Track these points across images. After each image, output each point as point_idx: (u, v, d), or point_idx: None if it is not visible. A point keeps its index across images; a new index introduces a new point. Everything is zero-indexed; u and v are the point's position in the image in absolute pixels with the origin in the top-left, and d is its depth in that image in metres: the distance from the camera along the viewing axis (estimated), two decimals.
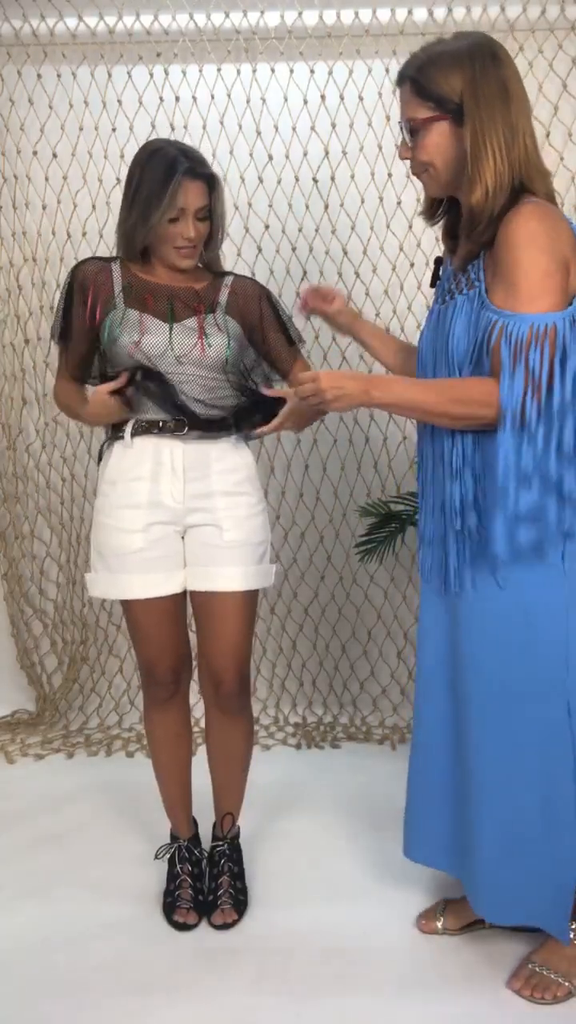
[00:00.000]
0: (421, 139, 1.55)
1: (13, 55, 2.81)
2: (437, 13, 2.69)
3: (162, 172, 1.72)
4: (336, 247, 2.86)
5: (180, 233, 1.76)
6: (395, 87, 1.61)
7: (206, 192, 1.77)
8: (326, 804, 2.42)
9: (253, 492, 1.88)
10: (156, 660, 1.89)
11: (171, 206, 1.72)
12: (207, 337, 1.81)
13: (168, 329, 1.79)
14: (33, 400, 3.00)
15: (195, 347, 1.79)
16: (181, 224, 1.75)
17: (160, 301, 1.81)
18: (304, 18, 2.72)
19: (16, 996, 1.70)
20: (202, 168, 1.76)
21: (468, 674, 1.62)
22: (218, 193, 1.81)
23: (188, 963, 1.78)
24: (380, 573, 3.02)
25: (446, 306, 1.60)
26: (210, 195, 1.78)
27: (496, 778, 1.60)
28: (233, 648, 1.86)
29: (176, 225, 1.75)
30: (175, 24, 2.73)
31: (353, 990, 1.69)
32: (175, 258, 1.80)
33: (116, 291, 1.82)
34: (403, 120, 1.57)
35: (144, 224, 1.75)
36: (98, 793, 2.51)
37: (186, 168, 1.72)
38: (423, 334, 1.69)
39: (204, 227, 1.80)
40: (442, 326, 1.59)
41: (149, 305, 1.81)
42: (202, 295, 1.85)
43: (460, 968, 1.74)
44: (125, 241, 1.82)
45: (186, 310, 1.82)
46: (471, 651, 1.61)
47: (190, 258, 1.81)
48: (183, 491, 1.81)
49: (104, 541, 1.84)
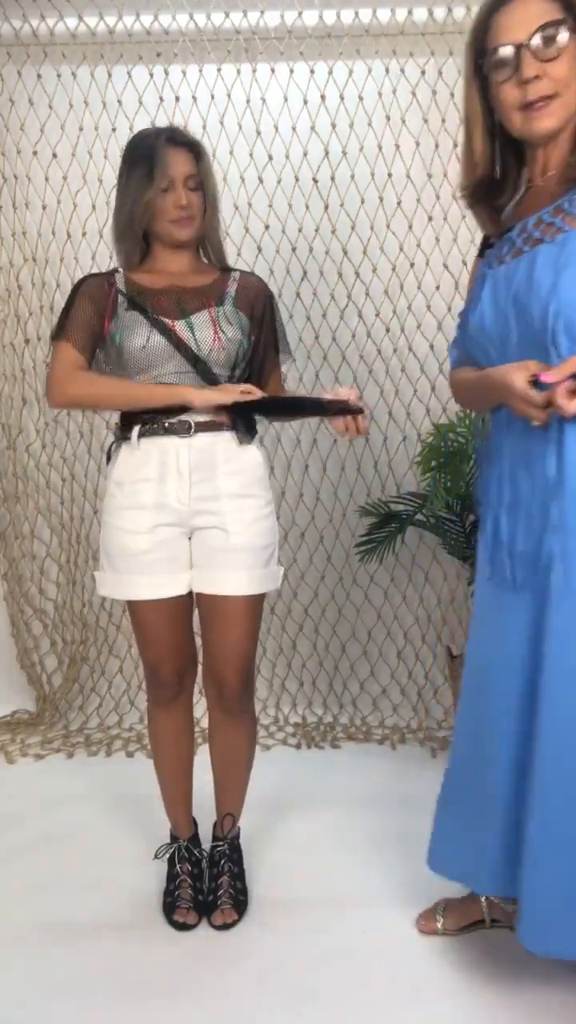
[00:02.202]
0: (555, 60, 1.37)
1: (13, 55, 2.81)
2: (437, 13, 2.69)
3: (146, 148, 1.77)
4: (336, 247, 2.86)
5: (173, 203, 1.77)
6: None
7: (192, 160, 1.79)
8: (326, 804, 2.42)
9: (261, 494, 1.85)
10: (161, 661, 1.89)
11: (161, 175, 1.75)
12: (221, 330, 1.81)
13: (186, 325, 1.79)
14: (33, 400, 3.00)
15: (214, 341, 1.79)
16: (172, 194, 1.77)
17: (167, 300, 1.81)
18: (304, 18, 2.72)
19: (16, 996, 1.70)
20: (183, 136, 1.80)
21: (557, 686, 1.44)
22: (205, 163, 1.82)
23: (188, 963, 1.78)
24: (380, 573, 3.02)
25: (520, 258, 1.45)
26: (197, 164, 1.80)
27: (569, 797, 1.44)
28: (238, 651, 1.85)
29: (168, 196, 1.77)
30: (175, 24, 2.73)
31: (353, 990, 1.69)
32: (173, 231, 1.80)
33: (119, 299, 1.82)
34: (530, 37, 1.37)
35: (139, 202, 1.77)
36: (98, 793, 2.51)
37: (167, 136, 1.78)
38: (481, 306, 1.52)
39: (196, 197, 1.80)
40: (529, 280, 1.42)
41: (155, 306, 1.80)
42: (210, 289, 1.85)
43: (460, 969, 1.74)
44: (125, 228, 1.82)
45: (196, 304, 1.82)
46: (566, 663, 1.43)
47: (187, 227, 1.81)
48: (189, 493, 1.80)
49: (111, 542, 1.83)
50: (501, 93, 1.42)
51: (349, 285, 2.89)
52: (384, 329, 2.90)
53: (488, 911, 1.80)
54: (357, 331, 2.91)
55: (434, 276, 2.87)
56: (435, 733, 2.90)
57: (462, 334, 1.62)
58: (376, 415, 2.95)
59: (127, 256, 1.86)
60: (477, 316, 1.53)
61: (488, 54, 1.42)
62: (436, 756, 2.74)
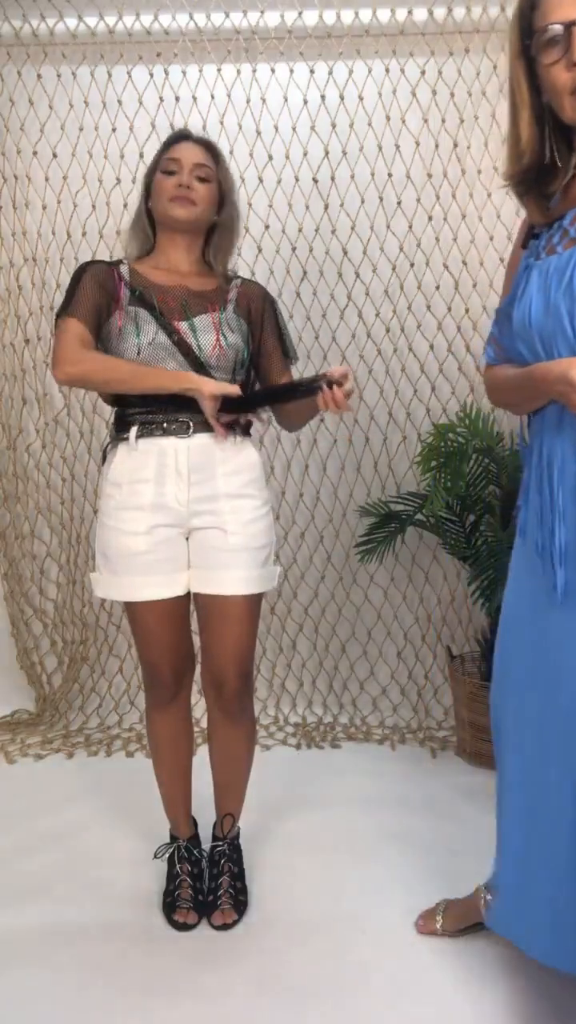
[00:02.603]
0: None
1: (13, 55, 2.81)
2: (437, 13, 2.69)
3: (166, 142, 1.88)
4: (336, 247, 2.86)
5: (174, 182, 1.81)
6: None
7: (204, 153, 1.85)
8: (326, 804, 2.42)
9: (258, 494, 1.86)
10: (158, 662, 1.88)
11: (168, 159, 1.82)
12: (223, 335, 1.81)
13: (189, 327, 1.79)
14: (33, 400, 3.00)
15: (215, 345, 1.79)
16: (176, 176, 1.82)
17: (173, 300, 1.82)
18: (304, 18, 2.72)
19: (16, 996, 1.70)
20: (201, 137, 1.89)
21: None
22: (222, 164, 1.87)
23: (188, 963, 1.78)
24: (380, 573, 3.02)
25: None
26: (213, 160, 1.85)
27: None
28: (236, 652, 1.84)
29: (172, 177, 1.82)
30: (175, 24, 2.73)
31: (352, 990, 1.69)
32: (170, 209, 1.82)
33: (123, 291, 1.82)
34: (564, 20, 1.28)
35: (146, 186, 1.86)
36: (98, 793, 2.51)
37: (185, 134, 1.88)
38: (528, 299, 1.42)
39: (204, 189, 1.83)
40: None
41: (159, 303, 1.80)
42: (213, 294, 1.86)
43: (459, 969, 1.74)
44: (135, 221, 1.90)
45: (200, 307, 1.83)
46: None
47: (185, 207, 1.82)
48: (187, 494, 1.80)
49: (108, 543, 1.83)
50: (550, 76, 1.31)
51: (349, 285, 2.89)
52: (384, 329, 2.91)
53: (487, 915, 1.78)
54: (357, 331, 2.91)
55: (434, 276, 2.87)
56: (435, 733, 2.90)
57: (501, 330, 1.52)
58: (376, 415, 2.95)
59: (138, 243, 1.89)
60: (523, 310, 1.42)
61: (536, 33, 1.30)
62: (436, 756, 2.74)
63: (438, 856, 2.13)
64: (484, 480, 2.65)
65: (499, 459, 2.61)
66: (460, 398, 2.91)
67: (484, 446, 2.56)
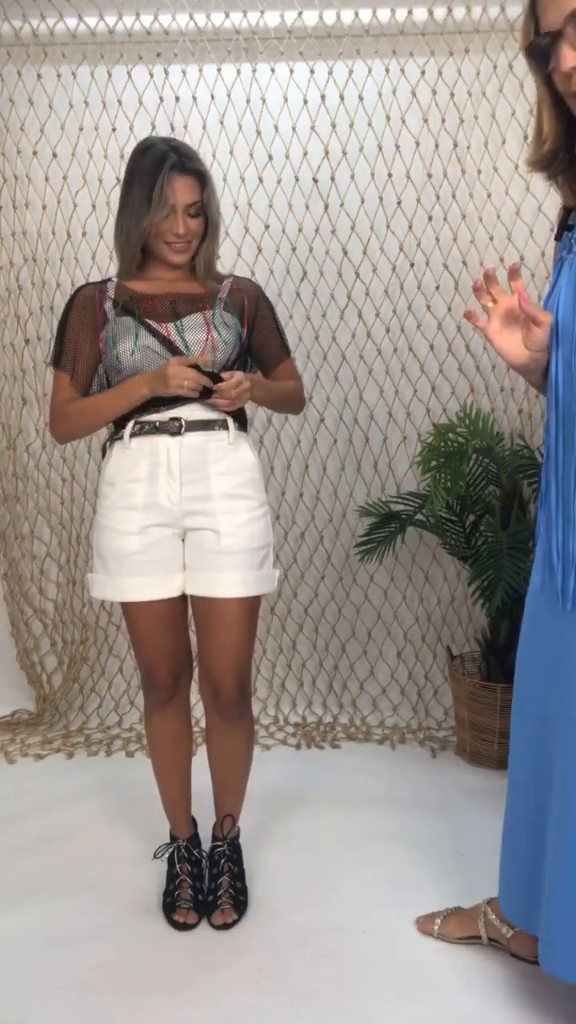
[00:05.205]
0: None
1: (13, 55, 2.81)
2: (437, 13, 2.69)
3: (152, 169, 1.76)
4: (336, 247, 2.86)
5: (170, 229, 1.79)
6: None
7: (196, 187, 1.79)
8: (326, 804, 2.42)
9: (254, 495, 1.84)
10: (155, 663, 1.88)
11: (161, 204, 1.75)
12: (215, 330, 1.81)
13: (176, 328, 1.80)
14: (33, 400, 3.00)
15: (206, 342, 1.79)
16: (171, 220, 1.78)
17: (160, 305, 1.82)
18: (304, 18, 2.72)
19: (16, 996, 1.70)
20: (191, 163, 1.79)
21: None
22: (210, 190, 1.82)
23: (188, 963, 1.78)
24: (380, 573, 3.02)
25: None
26: (201, 191, 1.80)
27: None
28: (233, 656, 1.83)
29: (167, 221, 1.78)
30: (175, 24, 2.73)
31: (352, 990, 1.69)
32: (167, 253, 1.82)
33: (108, 306, 1.83)
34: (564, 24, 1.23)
35: (137, 227, 1.78)
36: (98, 793, 2.51)
37: (173, 163, 1.76)
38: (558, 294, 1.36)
39: (196, 224, 1.81)
40: None
41: (146, 309, 1.81)
42: (205, 295, 1.86)
43: (460, 969, 1.74)
44: (123, 245, 1.84)
45: (190, 308, 1.83)
46: None
47: (182, 253, 1.83)
48: (180, 493, 1.79)
49: (102, 543, 1.83)
50: (555, 78, 1.27)
51: (349, 285, 2.88)
52: (384, 329, 2.90)
53: (486, 931, 1.76)
54: (357, 331, 2.91)
55: (434, 276, 2.87)
56: (435, 733, 2.90)
57: None
58: (376, 415, 2.95)
59: (125, 266, 1.87)
60: (551, 305, 1.36)
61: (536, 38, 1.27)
62: (436, 756, 2.74)
63: (438, 856, 2.13)
64: (484, 480, 2.65)
65: (499, 459, 2.61)
66: (460, 398, 2.91)
67: (484, 446, 2.56)
